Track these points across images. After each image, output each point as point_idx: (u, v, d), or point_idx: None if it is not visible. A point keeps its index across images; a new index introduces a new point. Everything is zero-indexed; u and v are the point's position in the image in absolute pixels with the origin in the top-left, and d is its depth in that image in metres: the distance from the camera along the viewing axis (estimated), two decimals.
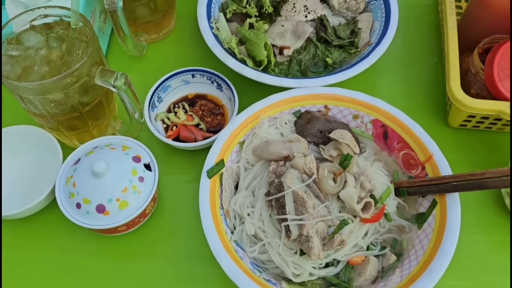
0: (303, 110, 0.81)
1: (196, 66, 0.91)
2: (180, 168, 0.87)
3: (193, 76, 0.91)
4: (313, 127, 0.77)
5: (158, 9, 0.94)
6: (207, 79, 0.91)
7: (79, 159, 0.76)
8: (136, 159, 0.76)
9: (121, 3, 0.81)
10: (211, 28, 0.91)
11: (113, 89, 0.74)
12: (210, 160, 0.74)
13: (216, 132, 0.87)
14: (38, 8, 0.76)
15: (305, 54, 0.90)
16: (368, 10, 0.97)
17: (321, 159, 0.76)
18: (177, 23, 1.05)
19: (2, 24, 0.75)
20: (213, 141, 0.82)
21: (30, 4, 0.84)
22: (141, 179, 0.74)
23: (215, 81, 0.91)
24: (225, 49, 0.88)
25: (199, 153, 0.86)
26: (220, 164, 0.75)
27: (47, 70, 0.73)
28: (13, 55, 0.74)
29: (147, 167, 0.77)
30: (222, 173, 0.75)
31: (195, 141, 0.86)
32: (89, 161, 0.73)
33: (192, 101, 0.92)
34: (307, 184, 0.68)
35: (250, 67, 0.85)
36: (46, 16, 0.77)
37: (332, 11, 0.95)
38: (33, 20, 0.76)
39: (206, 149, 0.84)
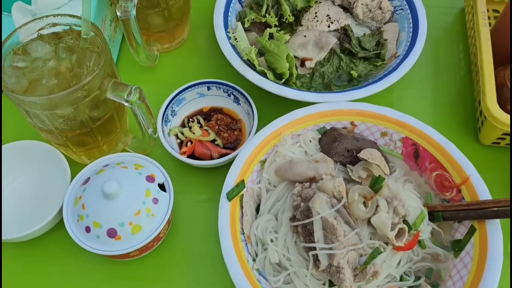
0: (328, 127, 0.76)
1: (211, 78, 0.86)
2: (195, 187, 0.81)
3: (208, 88, 0.86)
4: (340, 145, 0.71)
5: (172, 17, 0.89)
6: (224, 91, 0.86)
7: (88, 178, 0.71)
8: (150, 178, 0.70)
9: (134, 12, 0.77)
10: (229, 38, 0.86)
11: (126, 104, 0.69)
12: (230, 181, 0.69)
13: (233, 148, 0.82)
14: (47, 16, 0.71)
15: (328, 66, 0.85)
16: (393, 20, 0.91)
17: (348, 180, 0.71)
18: (190, 32, 1.00)
19: (9, 32, 0.69)
20: (231, 159, 0.77)
21: (38, 12, 0.79)
22: (155, 200, 0.69)
23: (232, 94, 0.86)
24: (243, 60, 0.83)
25: (215, 171, 0.81)
26: (241, 185, 0.69)
27: (56, 83, 0.68)
28: (19, 66, 0.69)
29: (161, 187, 0.71)
30: (242, 195, 0.70)
31: (211, 157, 0.81)
32: (99, 181, 0.68)
33: (207, 114, 0.87)
34: (336, 209, 0.63)
35: (270, 80, 0.80)
36: (55, 25, 0.72)
37: (356, 21, 0.90)
38: (41, 29, 0.71)
39: (223, 166, 0.79)
